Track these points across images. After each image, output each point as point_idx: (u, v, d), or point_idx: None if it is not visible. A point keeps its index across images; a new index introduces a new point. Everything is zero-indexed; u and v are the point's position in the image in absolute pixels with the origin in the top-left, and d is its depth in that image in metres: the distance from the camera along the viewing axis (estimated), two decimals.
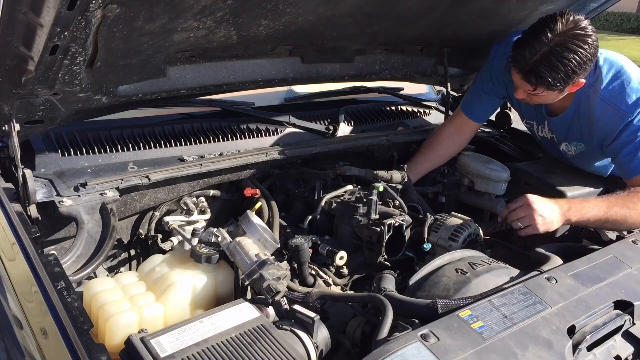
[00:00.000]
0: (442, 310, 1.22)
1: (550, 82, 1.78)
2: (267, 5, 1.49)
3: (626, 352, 1.26)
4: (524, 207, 1.76)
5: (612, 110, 1.90)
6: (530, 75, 1.80)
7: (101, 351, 0.99)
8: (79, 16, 1.14)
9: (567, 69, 1.74)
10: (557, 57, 1.73)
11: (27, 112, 1.46)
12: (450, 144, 2.30)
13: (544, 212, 1.75)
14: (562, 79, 1.76)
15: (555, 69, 1.74)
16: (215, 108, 2.21)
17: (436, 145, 2.30)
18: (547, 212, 1.75)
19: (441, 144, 2.29)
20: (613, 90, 1.90)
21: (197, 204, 1.89)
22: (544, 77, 1.77)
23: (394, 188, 1.91)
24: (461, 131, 2.31)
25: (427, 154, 2.29)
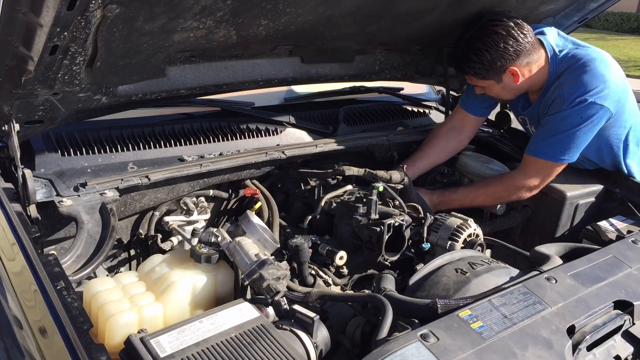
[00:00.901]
0: (441, 310, 1.22)
1: (471, 71, 2.02)
2: (267, 5, 1.49)
3: (626, 352, 1.26)
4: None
5: (557, 94, 1.97)
6: (457, 68, 2.13)
7: (101, 351, 0.99)
8: (79, 16, 1.14)
9: (480, 58, 1.96)
10: (471, 49, 1.98)
11: (27, 112, 1.46)
12: (449, 140, 2.32)
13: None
14: (480, 67, 1.99)
15: (470, 59, 1.99)
16: (215, 108, 2.21)
17: (435, 141, 2.31)
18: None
19: (439, 139, 2.31)
20: (567, 78, 1.96)
21: (197, 204, 1.89)
22: (463, 67, 2.04)
23: (393, 188, 1.91)
24: (460, 127, 2.32)
25: (426, 150, 2.30)
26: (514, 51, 1.94)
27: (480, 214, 2.21)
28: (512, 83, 2.02)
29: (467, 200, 2.12)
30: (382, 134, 2.34)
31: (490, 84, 2.05)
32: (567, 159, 1.98)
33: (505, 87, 2.05)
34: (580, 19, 2.25)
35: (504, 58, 1.95)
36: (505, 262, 1.56)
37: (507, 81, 2.02)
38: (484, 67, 1.98)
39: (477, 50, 1.96)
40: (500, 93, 2.11)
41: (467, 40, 1.99)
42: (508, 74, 2.00)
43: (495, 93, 2.11)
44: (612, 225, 1.91)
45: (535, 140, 2.04)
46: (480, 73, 2.01)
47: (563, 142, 1.96)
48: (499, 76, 2.01)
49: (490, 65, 1.97)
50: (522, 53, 1.96)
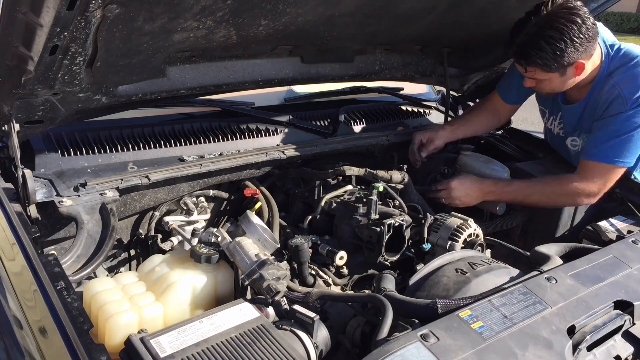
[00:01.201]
0: (442, 311, 1.22)
1: (539, 62, 1.81)
2: (267, 5, 1.49)
3: (626, 352, 1.26)
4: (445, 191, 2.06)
5: (616, 94, 1.89)
6: (520, 57, 1.87)
7: (101, 351, 0.99)
8: (79, 16, 1.14)
9: (552, 47, 1.77)
10: (542, 36, 1.77)
11: (26, 112, 1.46)
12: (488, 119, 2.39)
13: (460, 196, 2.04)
14: (551, 58, 1.79)
15: (541, 48, 1.78)
16: (215, 108, 2.21)
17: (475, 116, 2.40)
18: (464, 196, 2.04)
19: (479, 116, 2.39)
20: (625, 77, 1.89)
21: (197, 204, 1.89)
22: (531, 57, 1.82)
23: (393, 188, 1.91)
24: (496, 112, 2.36)
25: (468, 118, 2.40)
26: (587, 41, 1.78)
27: (480, 214, 2.21)
28: (573, 77, 1.89)
29: (519, 196, 2.03)
30: (382, 134, 2.34)
31: (552, 77, 1.88)
32: (629, 162, 1.89)
33: (564, 80, 1.90)
34: None
35: (576, 50, 1.78)
36: (505, 262, 1.56)
37: (569, 74, 1.87)
38: (556, 58, 1.79)
39: (550, 40, 1.76)
40: (555, 87, 1.95)
41: (537, 26, 1.78)
42: (573, 66, 1.84)
43: (550, 87, 1.95)
44: (612, 225, 1.91)
45: (595, 144, 1.93)
46: (549, 64, 1.81)
47: (625, 144, 1.86)
48: (564, 69, 1.84)
49: (562, 55, 1.78)
50: (591, 45, 1.81)
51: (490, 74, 2.57)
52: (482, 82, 2.65)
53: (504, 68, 2.51)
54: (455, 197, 2.04)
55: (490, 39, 2.27)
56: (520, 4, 1.98)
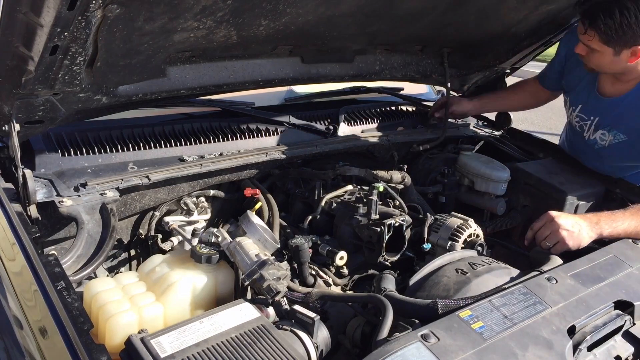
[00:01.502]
0: (442, 311, 1.22)
1: (602, 28, 1.74)
2: (267, 5, 1.49)
3: (626, 352, 1.26)
4: (547, 224, 1.65)
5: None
6: (586, 15, 1.79)
7: (101, 351, 0.99)
8: (79, 16, 1.14)
9: (622, 20, 1.70)
10: (618, 5, 1.71)
11: (27, 112, 1.46)
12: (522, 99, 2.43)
13: (568, 227, 1.63)
14: (615, 30, 1.72)
15: (612, 15, 1.71)
16: (215, 108, 2.21)
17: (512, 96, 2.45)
18: (573, 226, 1.64)
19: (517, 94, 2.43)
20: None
21: (197, 204, 1.89)
22: (597, 21, 1.74)
23: (393, 188, 1.91)
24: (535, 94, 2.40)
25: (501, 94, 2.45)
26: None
27: (481, 214, 2.21)
28: (625, 62, 1.83)
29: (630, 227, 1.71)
30: (382, 134, 2.34)
31: (606, 51, 1.81)
32: None
33: (615, 61, 1.84)
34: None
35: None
36: (505, 262, 1.56)
37: (623, 57, 1.81)
38: (620, 30, 1.72)
39: (624, 9, 1.70)
40: (602, 65, 1.89)
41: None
42: (629, 50, 1.79)
43: (598, 63, 1.89)
44: None
45: None
46: (610, 35, 1.74)
47: None
48: (620, 48, 1.78)
49: (627, 31, 1.72)
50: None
51: (491, 74, 2.57)
52: (482, 82, 2.65)
53: (504, 68, 2.51)
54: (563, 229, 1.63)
55: (490, 39, 2.27)
56: (520, 4, 1.98)
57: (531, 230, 1.71)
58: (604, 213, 1.74)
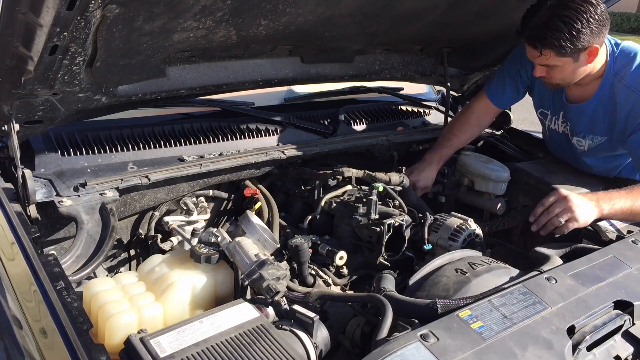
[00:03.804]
0: (441, 311, 1.22)
1: (555, 43, 1.76)
2: (266, 5, 1.49)
3: (626, 352, 1.26)
4: (560, 201, 1.66)
5: (636, 97, 1.87)
6: (535, 40, 1.81)
7: (101, 351, 0.99)
8: (79, 16, 1.14)
9: (569, 28, 1.72)
10: (559, 17, 1.74)
11: (26, 112, 1.46)
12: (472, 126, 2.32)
13: (580, 203, 1.64)
14: (568, 39, 1.74)
15: (558, 29, 1.74)
16: (215, 108, 2.21)
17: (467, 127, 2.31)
18: (583, 203, 1.65)
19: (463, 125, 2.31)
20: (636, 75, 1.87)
21: (196, 204, 1.89)
22: (547, 39, 1.76)
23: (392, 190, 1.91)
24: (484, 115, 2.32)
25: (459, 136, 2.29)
26: (600, 24, 1.75)
27: (480, 214, 2.21)
28: (585, 64, 1.86)
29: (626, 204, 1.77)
30: (382, 134, 2.34)
31: (565, 62, 1.84)
32: None
33: (576, 68, 1.86)
34: None
35: (592, 32, 1.75)
36: (505, 262, 1.56)
37: (582, 60, 1.84)
38: (572, 40, 1.75)
39: (567, 19, 1.73)
40: (566, 76, 1.90)
41: (553, 8, 1.76)
42: (586, 52, 1.81)
43: (561, 76, 1.91)
44: (612, 225, 1.91)
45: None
46: (565, 47, 1.76)
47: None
48: (578, 53, 1.81)
49: (579, 38, 1.75)
50: (604, 30, 1.78)
51: (491, 74, 2.57)
52: (482, 82, 2.65)
53: None
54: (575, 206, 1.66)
55: (490, 39, 2.27)
56: (520, 4, 1.98)
57: (541, 206, 1.69)
58: (600, 193, 1.80)
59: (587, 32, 1.74)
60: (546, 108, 2.22)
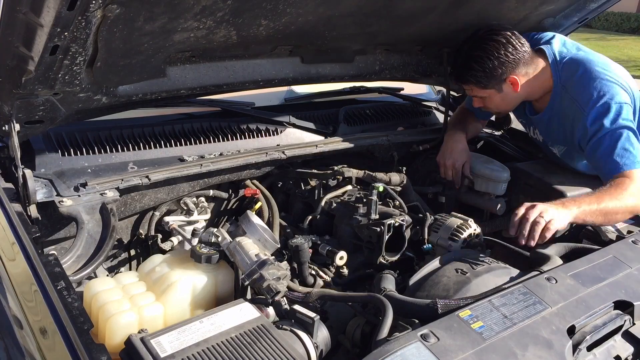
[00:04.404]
0: (442, 311, 1.22)
1: (473, 80, 2.02)
2: (267, 5, 1.49)
3: (626, 352, 1.26)
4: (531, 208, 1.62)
5: (574, 106, 1.96)
6: (458, 79, 2.11)
7: (101, 351, 0.99)
8: (79, 16, 1.14)
9: (481, 65, 1.97)
10: (471, 57, 1.99)
11: (27, 112, 1.46)
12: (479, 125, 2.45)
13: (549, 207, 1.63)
14: (482, 74, 1.99)
15: (471, 67, 2.00)
16: (215, 108, 2.21)
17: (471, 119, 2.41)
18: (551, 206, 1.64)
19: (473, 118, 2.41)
20: (575, 85, 1.97)
21: (197, 204, 1.89)
22: (464, 77, 2.04)
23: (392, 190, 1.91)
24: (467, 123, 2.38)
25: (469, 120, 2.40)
26: (514, 59, 1.97)
27: (480, 214, 2.21)
28: (512, 92, 2.04)
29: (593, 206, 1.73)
30: (382, 134, 2.34)
31: (490, 93, 2.06)
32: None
33: (505, 97, 2.07)
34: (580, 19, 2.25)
35: (505, 65, 1.97)
36: (505, 262, 1.56)
37: (506, 90, 2.04)
38: (486, 74, 1.99)
39: (478, 58, 1.97)
40: (499, 104, 2.12)
41: (467, 50, 2.01)
42: (508, 82, 2.01)
43: (495, 104, 2.12)
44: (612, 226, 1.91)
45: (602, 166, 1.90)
46: (481, 81, 2.01)
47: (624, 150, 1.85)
48: (499, 85, 2.02)
49: (492, 72, 1.98)
50: (520, 61, 1.99)
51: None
52: None
53: None
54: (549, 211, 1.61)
55: None
56: (520, 4, 1.98)
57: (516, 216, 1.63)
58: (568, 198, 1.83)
59: (497, 66, 1.97)
60: (522, 120, 2.35)
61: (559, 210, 1.65)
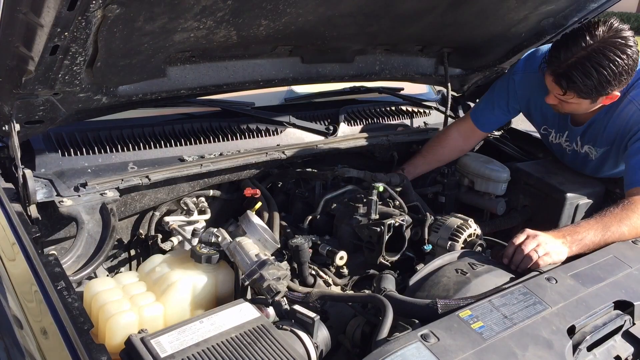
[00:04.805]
0: (442, 311, 1.22)
1: (582, 88, 1.73)
2: (267, 5, 1.49)
3: (626, 352, 1.26)
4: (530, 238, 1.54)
5: (635, 109, 1.86)
6: (562, 78, 1.75)
7: (101, 351, 0.99)
8: (79, 16, 1.14)
9: (600, 77, 1.69)
10: (592, 63, 1.68)
11: (27, 112, 1.46)
12: (453, 149, 2.29)
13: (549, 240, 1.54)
14: (595, 87, 1.71)
15: (589, 76, 1.69)
16: (215, 108, 2.21)
17: (439, 149, 2.29)
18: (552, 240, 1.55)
19: (444, 148, 2.29)
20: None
21: (197, 204, 1.89)
22: (575, 83, 1.72)
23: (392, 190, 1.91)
24: (467, 138, 2.31)
25: (427, 157, 2.29)
26: (627, 74, 1.72)
27: (480, 214, 2.22)
28: (600, 104, 1.84)
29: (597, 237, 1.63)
30: (382, 134, 2.34)
31: (584, 102, 1.81)
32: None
33: (591, 107, 1.85)
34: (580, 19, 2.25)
35: (620, 82, 1.73)
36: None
37: (599, 102, 1.82)
38: (599, 87, 1.72)
39: (600, 68, 1.68)
40: (578, 110, 1.90)
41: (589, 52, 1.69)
42: (606, 96, 1.79)
43: (572, 109, 1.90)
44: None
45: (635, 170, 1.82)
46: (590, 92, 1.75)
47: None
48: (598, 97, 1.78)
49: (606, 87, 1.73)
50: (629, 77, 1.74)
51: (490, 74, 2.57)
52: (482, 82, 2.65)
53: (504, 68, 2.51)
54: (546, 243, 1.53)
55: (490, 39, 2.27)
56: (520, 4, 1.98)
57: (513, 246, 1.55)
58: (567, 228, 1.66)
59: (614, 82, 1.71)
60: (550, 127, 2.20)
61: (557, 245, 1.55)
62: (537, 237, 1.54)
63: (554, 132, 2.20)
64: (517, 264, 1.51)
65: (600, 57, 1.68)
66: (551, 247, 1.52)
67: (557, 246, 1.54)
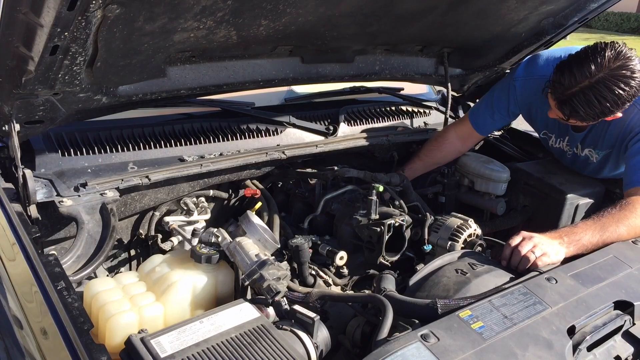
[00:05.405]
0: (442, 311, 1.22)
1: (583, 117, 1.75)
2: (267, 5, 1.49)
3: (626, 352, 1.26)
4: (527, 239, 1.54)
5: (636, 111, 1.87)
6: (565, 106, 1.77)
7: (101, 351, 0.99)
8: (79, 16, 1.14)
9: (603, 107, 1.70)
10: (595, 94, 1.69)
11: (27, 112, 1.46)
12: (450, 152, 2.30)
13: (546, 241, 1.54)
14: (596, 115, 1.73)
15: (591, 105, 1.71)
16: (215, 108, 2.20)
17: (437, 152, 2.29)
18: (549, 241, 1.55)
19: (442, 152, 2.29)
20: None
21: (197, 204, 1.89)
22: (577, 112, 1.74)
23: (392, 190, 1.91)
24: (464, 140, 2.31)
25: (425, 160, 2.29)
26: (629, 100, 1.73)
27: (480, 214, 2.22)
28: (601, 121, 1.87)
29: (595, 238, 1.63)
30: (382, 134, 2.34)
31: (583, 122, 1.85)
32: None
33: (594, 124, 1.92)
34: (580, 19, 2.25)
35: (620, 107, 1.74)
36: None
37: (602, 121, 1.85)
38: (601, 114, 1.75)
39: (602, 99, 1.69)
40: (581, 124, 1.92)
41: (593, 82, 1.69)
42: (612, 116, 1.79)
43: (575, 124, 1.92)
44: None
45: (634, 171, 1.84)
46: (592, 119, 1.78)
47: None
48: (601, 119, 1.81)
49: (606, 114, 1.75)
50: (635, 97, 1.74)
51: (491, 74, 2.57)
52: (482, 82, 2.65)
53: (504, 68, 2.51)
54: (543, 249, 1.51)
55: (490, 39, 2.27)
56: (520, 4, 1.98)
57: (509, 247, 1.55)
58: (564, 229, 1.65)
59: (616, 110, 1.73)
60: (550, 132, 2.21)
61: (554, 245, 1.54)
62: (532, 239, 1.53)
63: (554, 136, 2.20)
64: (515, 266, 1.51)
65: (604, 89, 1.68)
66: (548, 247, 1.52)
67: (554, 246, 1.54)
